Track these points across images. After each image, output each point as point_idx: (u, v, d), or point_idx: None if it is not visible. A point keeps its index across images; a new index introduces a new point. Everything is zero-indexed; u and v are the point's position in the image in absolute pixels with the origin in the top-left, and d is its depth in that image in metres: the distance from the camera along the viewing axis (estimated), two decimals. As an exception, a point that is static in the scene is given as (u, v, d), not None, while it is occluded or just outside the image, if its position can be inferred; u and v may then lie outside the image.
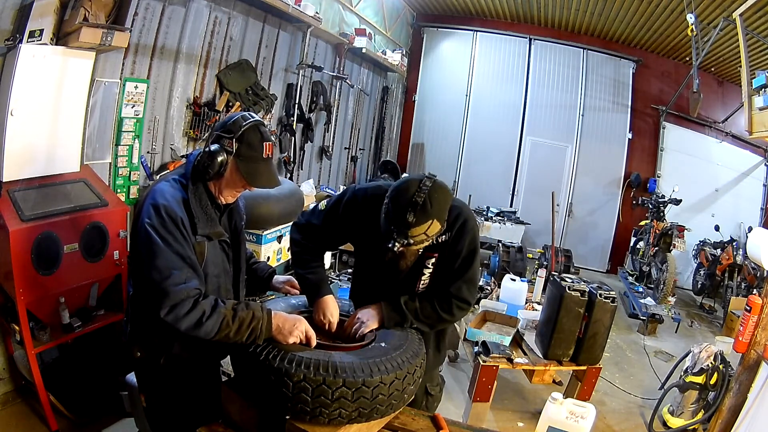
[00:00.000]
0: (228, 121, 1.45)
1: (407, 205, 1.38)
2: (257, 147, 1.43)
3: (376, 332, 1.54)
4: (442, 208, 1.44)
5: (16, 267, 2.18)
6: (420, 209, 1.37)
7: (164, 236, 1.32)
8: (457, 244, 1.59)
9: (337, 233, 1.74)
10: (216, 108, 3.74)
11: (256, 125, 1.44)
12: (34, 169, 2.40)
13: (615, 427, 3.18)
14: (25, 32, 2.31)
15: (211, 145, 1.42)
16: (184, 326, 1.28)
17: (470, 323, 2.91)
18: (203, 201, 1.45)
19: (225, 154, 1.40)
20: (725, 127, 6.84)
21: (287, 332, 1.37)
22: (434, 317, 1.63)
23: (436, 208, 1.40)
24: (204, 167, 1.40)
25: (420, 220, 1.38)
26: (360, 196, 1.65)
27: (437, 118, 7.73)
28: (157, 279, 1.29)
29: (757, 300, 2.35)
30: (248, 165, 1.43)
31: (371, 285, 1.77)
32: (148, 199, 1.39)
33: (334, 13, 5.26)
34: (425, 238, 1.43)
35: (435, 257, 1.62)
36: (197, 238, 1.41)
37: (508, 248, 4.64)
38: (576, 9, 6.24)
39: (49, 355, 2.68)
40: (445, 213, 1.47)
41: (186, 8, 3.38)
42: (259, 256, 2.82)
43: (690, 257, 6.54)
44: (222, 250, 1.53)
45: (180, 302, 1.27)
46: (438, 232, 1.45)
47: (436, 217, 1.41)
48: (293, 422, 1.29)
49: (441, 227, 1.45)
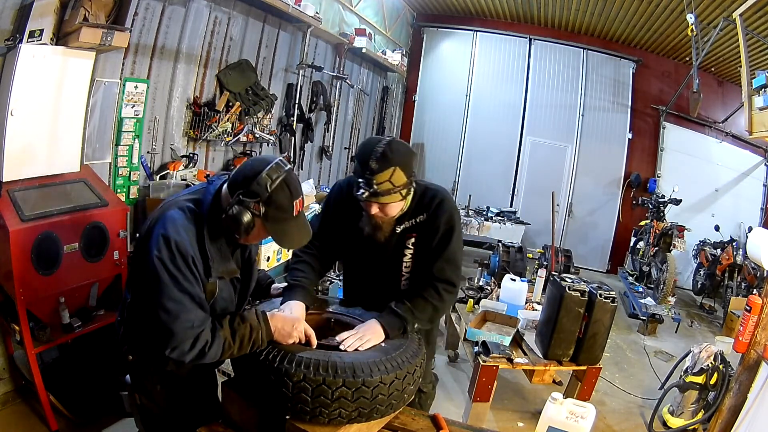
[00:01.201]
0: (251, 175, 1.27)
1: (370, 153, 1.47)
2: (287, 208, 1.30)
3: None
4: (405, 159, 1.51)
5: (16, 267, 2.18)
6: (381, 156, 1.47)
7: (174, 274, 1.24)
8: (434, 222, 1.65)
9: (332, 230, 1.76)
10: (216, 108, 3.74)
11: (284, 182, 1.28)
12: (34, 169, 2.40)
13: (615, 427, 3.18)
14: (25, 32, 2.31)
15: (234, 206, 1.26)
16: (189, 359, 1.26)
17: (470, 323, 2.91)
18: (219, 239, 1.36)
19: (251, 216, 1.27)
20: (725, 127, 6.84)
21: (286, 334, 1.37)
22: (428, 309, 1.64)
23: (397, 156, 1.48)
24: (228, 230, 1.31)
25: (382, 166, 1.46)
26: (344, 184, 1.71)
27: (437, 118, 7.73)
28: (165, 319, 1.24)
29: (757, 300, 2.35)
30: (277, 226, 1.31)
31: (359, 278, 1.81)
32: (158, 225, 1.29)
33: (334, 13, 5.26)
34: (391, 187, 1.48)
35: (414, 237, 1.68)
36: (210, 278, 1.34)
37: (508, 248, 4.64)
38: (576, 9, 6.24)
39: (49, 355, 2.68)
40: (409, 165, 1.53)
41: (186, 8, 3.38)
42: (259, 256, 2.82)
43: (690, 257, 6.54)
44: (232, 284, 1.48)
45: (184, 341, 1.25)
46: (404, 185, 1.51)
47: (398, 164, 1.48)
48: (293, 422, 1.29)
49: (406, 180, 1.51)
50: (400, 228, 1.67)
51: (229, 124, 3.86)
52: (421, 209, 1.66)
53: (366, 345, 1.43)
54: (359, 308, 1.68)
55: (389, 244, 1.67)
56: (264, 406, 1.34)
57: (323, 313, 1.68)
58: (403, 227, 1.67)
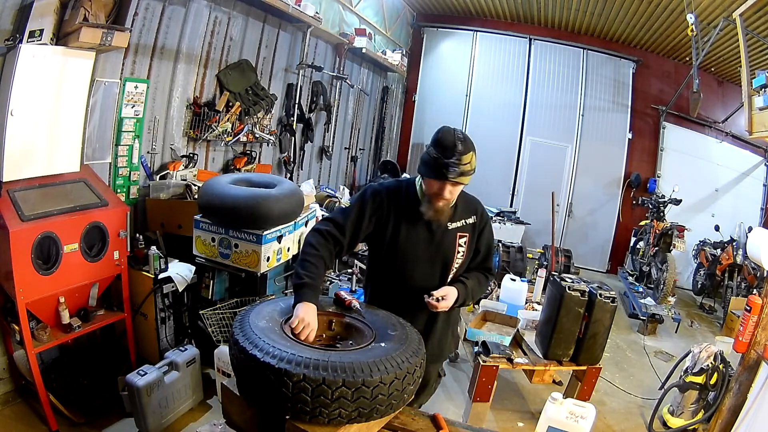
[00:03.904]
0: None
1: (454, 138, 1.63)
2: None
3: (375, 332, 1.54)
4: (474, 146, 1.68)
5: (16, 267, 2.18)
6: (464, 140, 1.64)
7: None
8: (482, 224, 1.89)
9: (361, 228, 1.80)
10: (216, 108, 3.74)
11: None
12: (34, 169, 2.41)
13: (615, 427, 3.18)
14: (25, 32, 2.31)
15: None
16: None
17: (470, 323, 2.91)
18: None
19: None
20: (725, 127, 6.84)
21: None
22: (479, 290, 1.92)
23: (472, 142, 1.66)
24: None
25: (466, 149, 1.62)
26: (383, 190, 1.82)
27: (437, 118, 7.71)
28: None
29: (757, 300, 2.35)
30: None
31: (398, 280, 1.83)
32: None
33: (334, 13, 5.26)
34: (470, 168, 1.64)
35: (467, 237, 1.85)
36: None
37: (508, 248, 4.65)
38: (576, 9, 6.24)
39: (49, 355, 2.69)
40: (475, 153, 1.68)
41: (186, 8, 3.38)
42: (259, 256, 2.82)
43: (690, 257, 6.54)
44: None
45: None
46: (474, 169, 1.67)
47: (473, 150, 1.65)
48: (293, 422, 1.29)
49: (475, 164, 1.68)
50: (452, 226, 1.81)
51: (229, 124, 3.87)
52: (469, 212, 1.86)
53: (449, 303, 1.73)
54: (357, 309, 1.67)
55: (443, 242, 1.81)
56: (264, 406, 1.34)
57: (323, 313, 1.68)
58: (455, 226, 1.82)
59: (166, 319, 2.93)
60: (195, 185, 3.36)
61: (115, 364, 2.86)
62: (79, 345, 2.80)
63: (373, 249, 1.90)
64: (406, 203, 1.77)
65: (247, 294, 2.99)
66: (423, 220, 1.75)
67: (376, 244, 1.86)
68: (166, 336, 2.96)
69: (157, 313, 2.86)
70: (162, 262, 2.88)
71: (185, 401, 2.71)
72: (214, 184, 2.91)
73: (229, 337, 1.44)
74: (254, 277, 2.92)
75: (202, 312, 2.81)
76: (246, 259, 2.87)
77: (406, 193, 1.79)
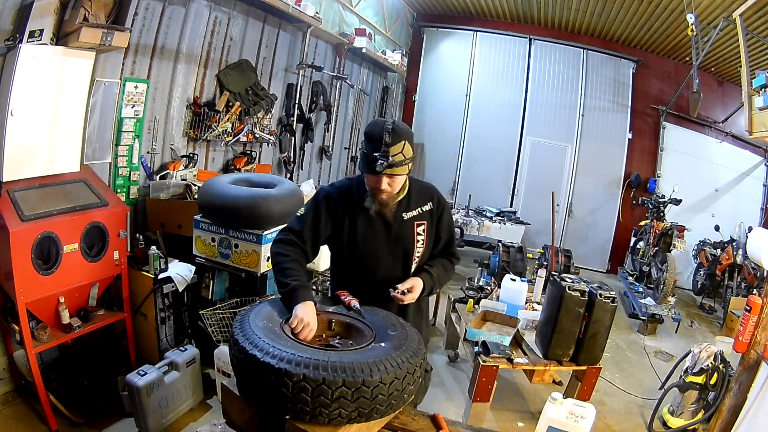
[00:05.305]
0: None
1: (381, 130, 1.64)
2: None
3: (375, 331, 1.54)
4: (410, 134, 1.70)
5: (16, 267, 2.18)
6: (392, 131, 1.64)
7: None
8: (439, 210, 1.89)
9: (319, 232, 1.80)
10: (216, 108, 3.74)
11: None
12: (34, 169, 2.41)
13: (615, 427, 3.18)
14: (25, 32, 2.31)
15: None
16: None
17: (470, 323, 2.91)
18: None
19: None
20: (725, 127, 6.84)
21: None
22: (445, 276, 1.93)
23: (404, 131, 1.67)
24: None
25: (395, 139, 1.63)
26: (334, 191, 1.83)
27: (437, 118, 7.73)
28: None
29: (757, 300, 2.35)
30: None
31: (360, 273, 1.83)
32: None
33: (334, 13, 5.26)
34: (403, 158, 1.65)
35: (425, 224, 1.85)
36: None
37: (508, 248, 4.65)
38: (576, 9, 6.24)
39: (49, 355, 2.69)
40: (412, 139, 1.70)
41: (186, 8, 3.38)
42: (259, 256, 2.82)
43: (690, 257, 6.54)
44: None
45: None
46: (411, 158, 1.69)
47: (406, 138, 1.66)
48: (293, 422, 1.29)
49: (413, 153, 1.70)
50: (407, 216, 1.81)
51: (229, 124, 3.86)
52: (425, 199, 1.86)
53: (415, 294, 1.73)
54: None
55: (401, 233, 1.82)
56: (264, 406, 1.34)
57: (322, 313, 1.68)
58: (411, 215, 1.82)
59: (166, 319, 2.94)
60: (195, 185, 3.36)
61: (115, 364, 2.86)
62: (79, 345, 2.80)
63: (334, 250, 1.90)
64: (358, 200, 1.77)
65: (247, 294, 2.99)
66: (378, 214, 1.76)
67: (336, 245, 1.86)
68: (166, 336, 2.96)
69: (157, 313, 2.86)
70: (162, 262, 2.88)
71: (185, 401, 2.71)
72: (214, 184, 2.92)
73: (229, 337, 1.45)
74: (254, 277, 2.92)
75: (202, 312, 2.81)
76: (246, 259, 2.87)
77: (357, 190, 1.79)
